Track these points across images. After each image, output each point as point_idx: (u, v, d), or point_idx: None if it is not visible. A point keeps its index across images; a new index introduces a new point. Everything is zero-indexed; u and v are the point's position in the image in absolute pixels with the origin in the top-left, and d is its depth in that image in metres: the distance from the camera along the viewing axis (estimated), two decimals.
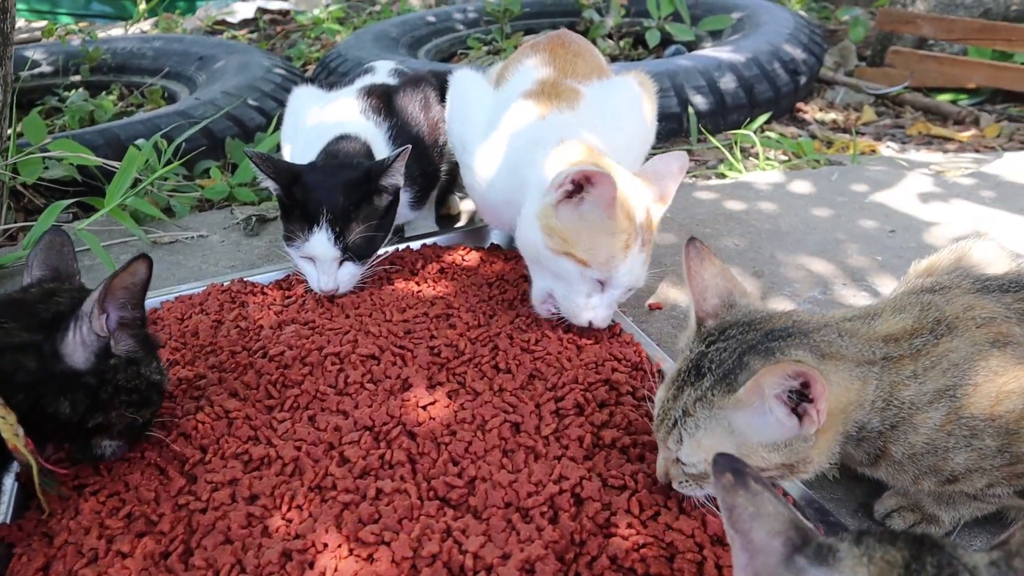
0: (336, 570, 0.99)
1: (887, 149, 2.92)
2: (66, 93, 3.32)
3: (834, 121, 3.23)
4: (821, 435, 0.96)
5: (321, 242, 1.55)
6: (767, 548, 0.68)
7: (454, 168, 2.08)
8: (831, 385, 0.94)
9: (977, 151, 2.87)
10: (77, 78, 3.43)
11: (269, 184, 1.58)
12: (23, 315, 1.07)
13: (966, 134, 3.04)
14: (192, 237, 2.09)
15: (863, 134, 3.08)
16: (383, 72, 1.97)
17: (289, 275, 1.74)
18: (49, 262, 1.20)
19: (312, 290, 1.64)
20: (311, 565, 1.00)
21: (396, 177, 1.58)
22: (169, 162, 2.26)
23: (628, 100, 1.74)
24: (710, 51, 3.13)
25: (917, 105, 3.32)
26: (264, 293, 1.67)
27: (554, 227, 1.40)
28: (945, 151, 2.88)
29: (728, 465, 0.72)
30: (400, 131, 1.80)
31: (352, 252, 1.58)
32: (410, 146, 1.57)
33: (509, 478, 1.12)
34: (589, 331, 1.50)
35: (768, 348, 0.99)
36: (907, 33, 3.37)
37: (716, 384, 0.98)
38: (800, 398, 0.92)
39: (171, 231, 2.12)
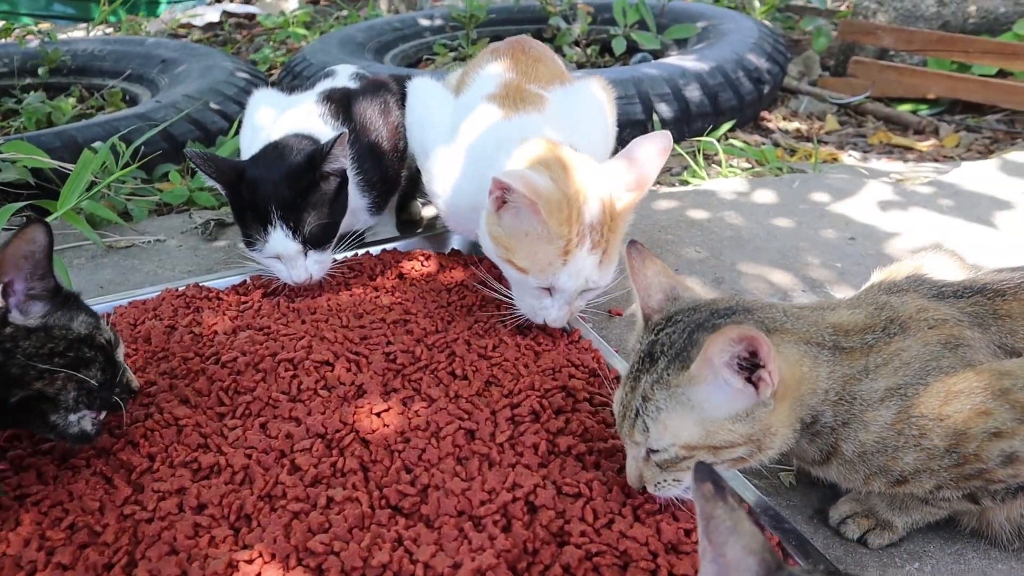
0: None
1: (849, 158, 2.94)
2: (23, 95, 3.26)
3: (797, 130, 3.26)
4: (780, 402, 0.97)
5: (279, 240, 1.53)
6: (741, 564, 0.67)
7: (415, 174, 2.06)
8: (780, 355, 0.96)
9: (936, 160, 2.90)
10: (35, 80, 3.37)
11: (213, 184, 1.56)
12: None
13: (926, 144, 3.08)
14: (149, 242, 2.05)
15: (826, 143, 3.11)
16: (344, 76, 1.96)
17: (246, 280, 1.71)
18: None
19: (270, 295, 1.62)
20: None
21: (339, 161, 1.57)
22: (127, 165, 2.22)
23: (591, 104, 1.75)
24: (675, 59, 3.14)
25: (879, 115, 3.35)
26: (220, 299, 1.64)
27: (496, 235, 1.41)
28: (906, 160, 2.91)
29: (708, 475, 0.72)
30: (359, 136, 1.78)
31: (311, 243, 1.57)
32: (346, 131, 1.56)
33: (462, 486, 1.10)
34: (547, 336, 1.49)
35: (715, 324, 1.00)
36: (868, 44, 3.42)
37: (670, 364, 1.00)
38: (751, 366, 0.93)
39: (128, 235, 2.09)
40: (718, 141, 2.72)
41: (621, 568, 1.01)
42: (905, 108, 3.37)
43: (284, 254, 1.56)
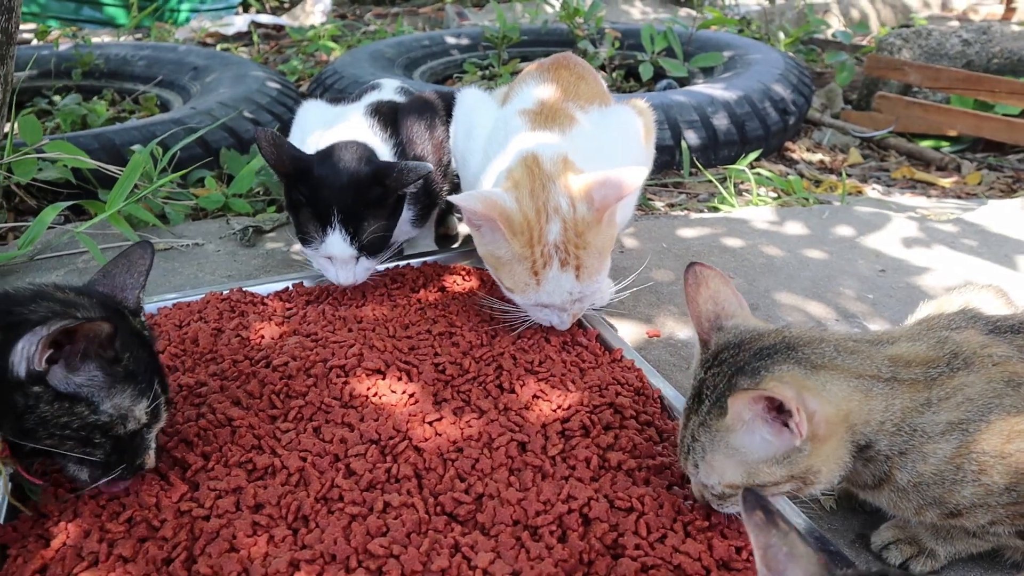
0: None
1: (872, 191, 2.98)
2: (56, 97, 3.30)
3: (821, 161, 3.30)
4: (821, 444, 0.98)
5: (336, 243, 1.57)
6: None
7: (454, 189, 2.09)
8: (825, 393, 0.97)
9: (959, 197, 2.93)
10: (68, 82, 3.40)
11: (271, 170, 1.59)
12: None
13: (948, 180, 3.11)
14: (187, 245, 2.07)
15: (849, 175, 3.14)
16: (389, 89, 1.99)
17: (289, 287, 1.73)
18: (114, 269, 1.20)
19: (314, 302, 1.64)
20: (320, 575, 1.00)
21: (408, 187, 1.61)
22: (165, 171, 2.25)
23: (624, 128, 1.76)
24: (703, 87, 3.19)
25: (901, 150, 3.39)
26: (264, 304, 1.66)
27: (484, 254, 1.48)
28: (929, 196, 2.95)
29: (757, 502, 0.74)
30: (406, 148, 1.81)
31: (366, 250, 1.60)
32: (431, 166, 1.59)
33: (517, 496, 1.12)
34: (591, 354, 1.51)
35: (755, 368, 1.02)
36: (894, 79, 3.46)
37: (712, 408, 1.02)
38: (785, 412, 0.94)
39: (166, 238, 2.11)
40: (731, 176, 2.75)
41: None
42: (927, 144, 3.41)
43: (338, 257, 1.59)
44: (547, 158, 1.47)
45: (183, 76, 3.37)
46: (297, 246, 2.09)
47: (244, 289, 1.70)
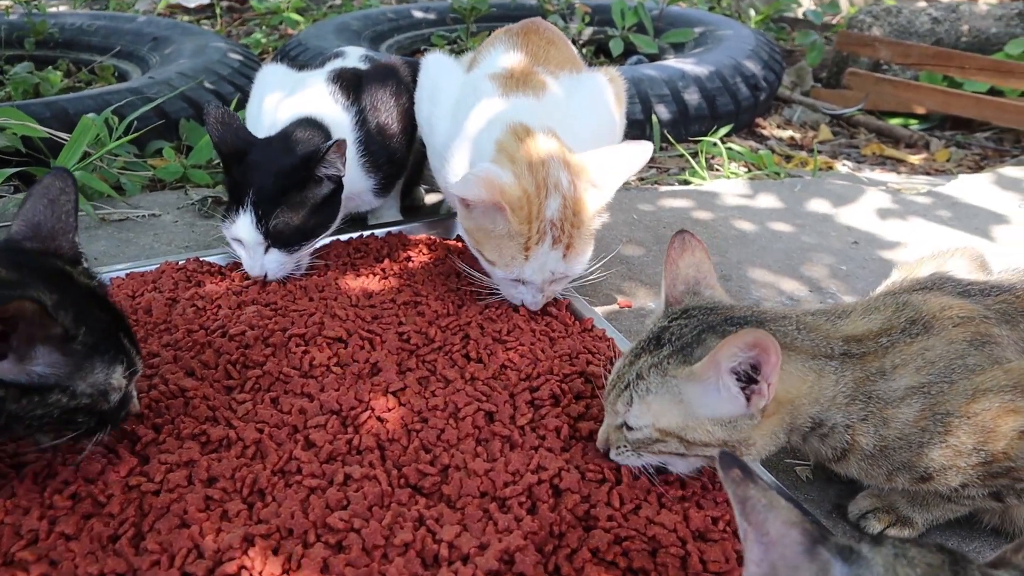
0: (303, 557, 0.93)
1: (843, 167, 2.96)
2: (7, 66, 3.17)
3: (791, 138, 3.27)
4: (766, 418, 0.98)
5: (244, 224, 1.49)
6: (785, 538, 0.67)
7: (420, 159, 2.03)
8: (782, 373, 0.96)
9: (928, 174, 2.92)
10: (20, 52, 3.28)
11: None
12: None
13: (918, 157, 3.10)
14: (143, 216, 1.99)
15: (820, 152, 3.12)
16: (354, 57, 1.92)
17: None
18: (34, 215, 1.05)
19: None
20: (275, 551, 0.94)
21: (334, 167, 1.52)
22: (121, 137, 2.16)
23: (597, 95, 1.72)
24: (674, 62, 3.14)
25: (871, 127, 3.38)
26: (222, 274, 1.59)
27: (468, 228, 1.44)
28: (899, 172, 2.93)
29: (733, 461, 0.71)
30: (367, 117, 1.74)
31: (273, 240, 1.51)
32: (344, 140, 1.50)
33: (485, 467, 1.07)
34: (561, 324, 1.47)
35: (725, 331, 1.00)
36: (865, 56, 3.44)
37: (673, 354, 1.01)
38: (749, 380, 0.94)
39: (121, 208, 2.03)
40: (711, 146, 2.72)
41: (650, 554, 0.98)
42: (895, 122, 3.40)
43: (245, 240, 1.51)
44: (538, 128, 1.43)
45: (142, 47, 3.26)
46: None
47: (201, 259, 1.63)
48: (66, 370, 0.95)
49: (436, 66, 1.72)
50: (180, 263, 1.61)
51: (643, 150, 1.44)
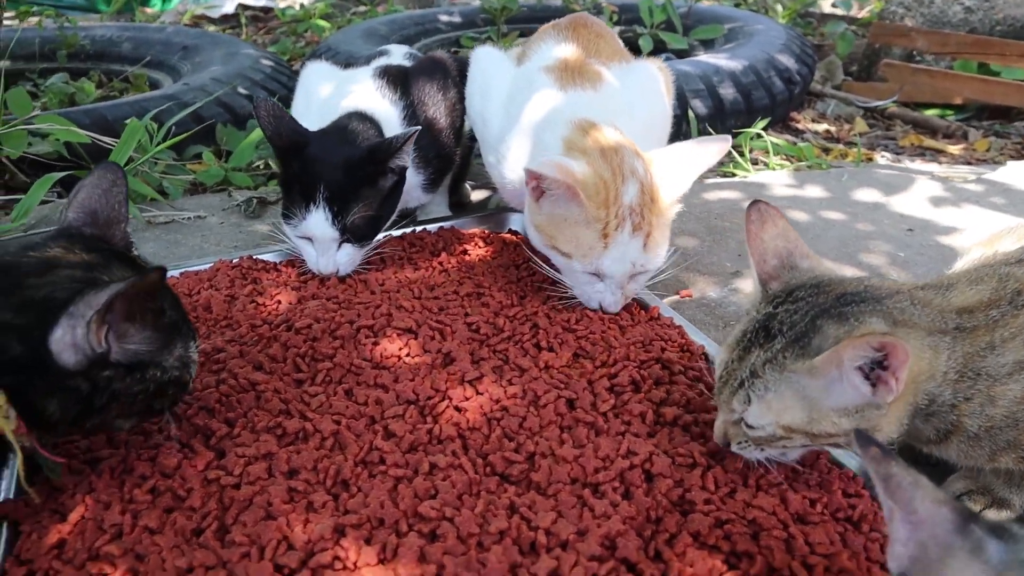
0: (397, 548, 0.90)
1: (881, 159, 2.92)
2: (40, 79, 3.18)
3: (827, 131, 3.24)
4: (894, 404, 0.92)
5: (318, 222, 1.46)
6: (935, 517, 0.64)
7: (467, 154, 2.01)
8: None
9: (970, 163, 2.88)
10: (53, 64, 3.28)
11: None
12: (10, 287, 0.89)
13: (957, 147, 3.06)
14: (189, 218, 1.98)
15: (855, 143, 3.08)
16: (398, 54, 1.91)
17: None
18: (89, 204, 1.04)
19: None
20: (368, 541, 0.91)
21: (403, 158, 1.50)
22: (161, 143, 2.15)
23: (650, 85, 1.70)
24: (708, 57, 3.12)
25: (906, 119, 3.34)
26: (277, 270, 1.57)
27: (539, 223, 1.39)
28: (939, 163, 2.89)
29: (871, 439, 0.69)
30: (416, 111, 1.72)
31: (351, 234, 1.48)
32: (420, 128, 1.49)
33: (573, 453, 1.04)
34: (627, 313, 1.43)
35: (841, 313, 0.94)
36: (901, 46, 3.40)
37: (788, 347, 0.94)
38: (875, 365, 0.88)
39: (166, 211, 2.01)
40: (754, 138, 2.68)
41: (752, 537, 0.95)
42: (931, 113, 3.36)
43: (318, 237, 1.48)
44: (601, 122, 1.41)
45: (172, 56, 3.26)
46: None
47: (254, 257, 1.61)
48: (157, 345, 0.95)
49: (487, 59, 1.70)
50: (234, 261, 1.59)
51: (721, 145, 1.40)
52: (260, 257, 1.62)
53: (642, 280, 1.42)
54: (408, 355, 1.25)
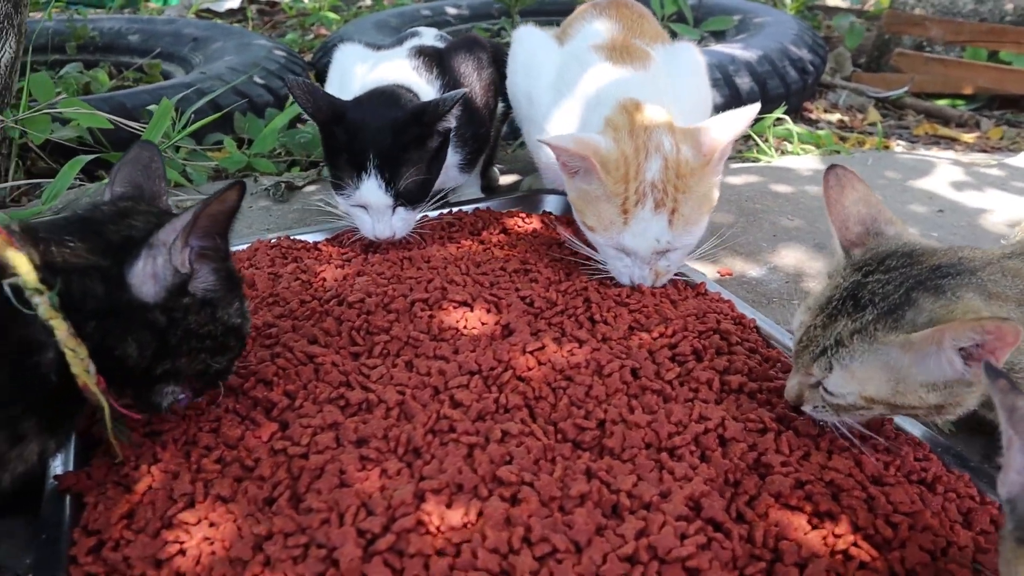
0: (481, 513, 0.88)
1: (897, 147, 2.93)
2: (49, 71, 3.14)
3: (840, 121, 3.24)
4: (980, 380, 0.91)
5: (372, 189, 1.45)
6: None
7: (497, 137, 2.01)
8: None
9: (985, 151, 2.89)
10: (63, 56, 3.25)
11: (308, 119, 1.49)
12: (90, 234, 0.91)
13: (971, 136, 3.07)
14: None
15: (871, 133, 3.09)
16: (429, 36, 1.89)
17: (340, 233, 1.63)
18: (133, 178, 1.05)
19: (370, 247, 1.54)
20: (449, 506, 0.90)
21: (450, 120, 1.50)
22: (182, 130, 2.13)
23: (694, 66, 1.71)
24: (723, 47, 3.12)
25: (918, 108, 3.35)
26: (318, 249, 1.56)
27: (572, 199, 1.41)
28: (955, 151, 2.90)
29: (999, 372, 0.69)
30: (453, 90, 1.71)
31: (404, 198, 1.49)
32: (468, 89, 1.49)
33: (646, 419, 1.03)
34: (675, 288, 1.43)
35: (937, 286, 0.93)
36: (914, 35, 3.41)
37: (880, 318, 0.93)
38: (976, 345, 0.86)
39: (193, 196, 2.00)
40: (769, 127, 2.69)
41: (832, 498, 0.94)
42: (942, 103, 3.37)
43: (373, 205, 1.48)
44: (647, 101, 1.40)
45: (182, 48, 3.24)
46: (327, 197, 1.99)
47: (292, 237, 1.60)
48: (224, 288, 0.97)
49: (531, 39, 1.70)
50: (272, 240, 1.58)
51: (750, 110, 1.40)
52: (297, 237, 1.60)
53: (675, 258, 1.40)
54: (466, 327, 1.23)
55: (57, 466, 1.03)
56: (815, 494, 0.93)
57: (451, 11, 3.89)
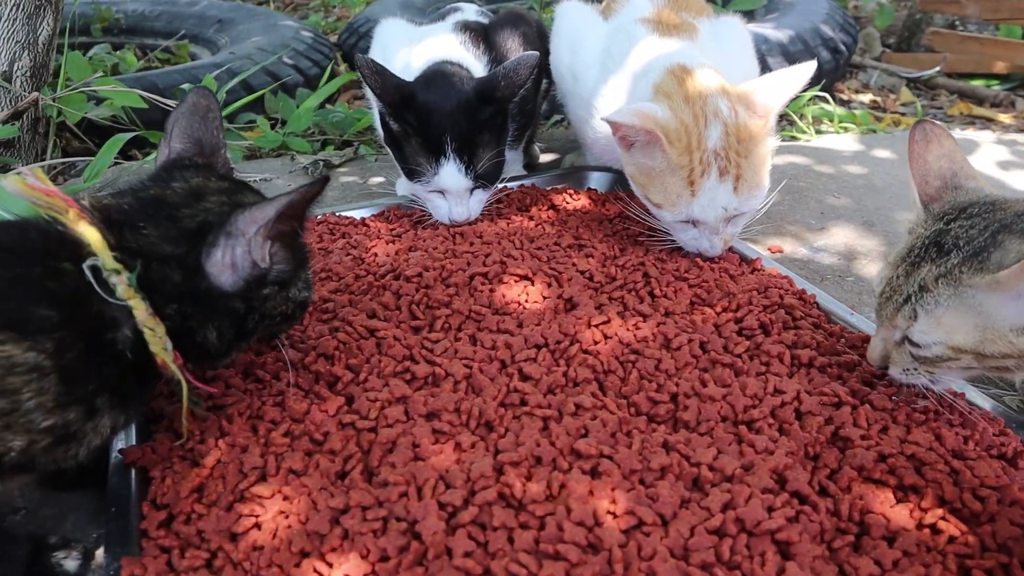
0: (563, 486, 0.87)
1: None
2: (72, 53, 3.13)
3: (873, 101, 3.20)
4: None
5: (451, 174, 1.43)
6: None
7: (538, 114, 1.98)
8: None
9: (1022, 131, 2.85)
10: (88, 39, 3.24)
11: (372, 103, 1.46)
12: (164, 220, 0.88)
13: (1007, 115, 3.03)
14: (256, 180, 1.94)
15: (903, 114, 3.05)
16: (471, 11, 1.87)
17: (385, 210, 1.61)
18: (192, 131, 1.00)
19: (418, 223, 1.52)
20: (529, 478, 0.88)
21: (522, 85, 1.46)
22: (224, 109, 2.11)
23: (742, 38, 1.68)
24: (754, 27, 3.08)
25: (951, 88, 3.30)
26: (366, 225, 1.54)
27: (632, 173, 1.38)
28: (992, 131, 2.86)
29: None
30: (499, 65, 1.68)
31: (483, 179, 1.47)
32: (537, 53, 1.45)
33: (720, 392, 1.02)
34: (732, 264, 1.40)
35: None
36: (950, 14, 3.37)
37: (965, 262, 0.92)
38: None
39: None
40: (803, 106, 2.66)
41: (915, 471, 0.92)
42: (976, 83, 3.32)
43: (453, 190, 1.45)
44: (697, 68, 1.37)
45: (207, 29, 3.22)
46: (376, 179, 1.98)
47: (338, 213, 1.58)
48: (292, 265, 0.94)
49: (576, 13, 1.67)
50: (319, 216, 1.56)
51: (805, 69, 1.36)
52: (343, 214, 1.59)
53: (741, 222, 1.38)
54: (527, 301, 1.22)
55: (118, 440, 1.02)
56: (898, 467, 0.92)
57: None
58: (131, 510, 0.92)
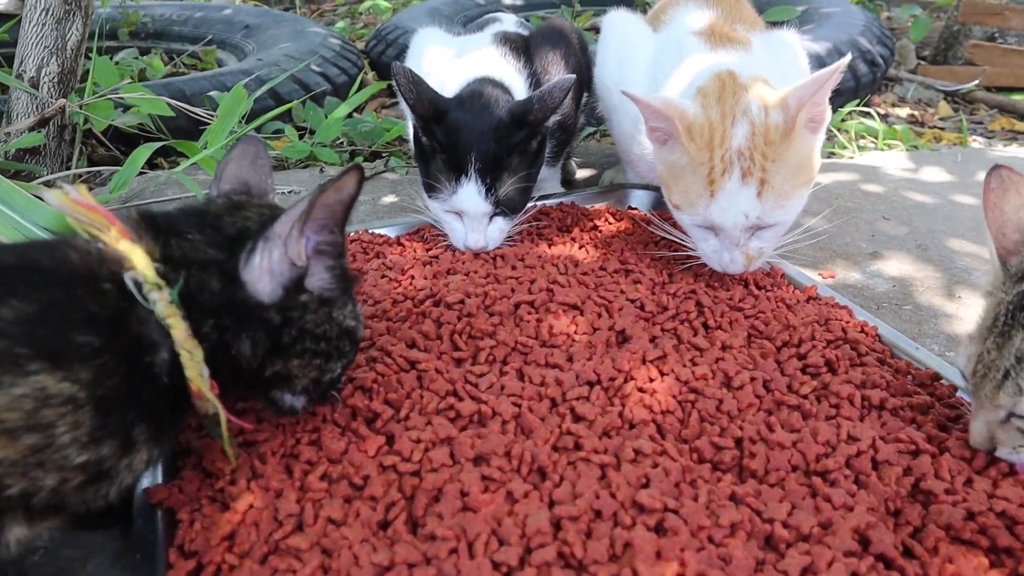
0: (628, 545, 0.80)
1: (974, 143, 2.80)
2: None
3: (910, 115, 3.12)
4: None
5: (470, 196, 1.36)
6: None
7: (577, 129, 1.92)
8: None
9: None
10: (115, 43, 3.20)
11: (407, 114, 1.40)
12: (206, 227, 0.85)
13: None
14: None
15: (942, 128, 2.97)
16: (510, 22, 1.81)
17: (420, 228, 1.55)
18: (240, 174, 0.98)
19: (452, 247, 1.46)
20: (589, 535, 0.82)
21: (557, 113, 1.40)
22: (252, 118, 2.07)
23: (794, 52, 1.62)
24: None
25: (991, 103, 3.22)
26: (401, 244, 1.48)
27: (661, 173, 1.32)
28: None
29: None
30: (540, 79, 1.62)
31: (504, 206, 1.39)
32: (574, 76, 1.39)
33: (790, 438, 0.94)
34: (787, 291, 1.33)
35: None
36: (992, 25, 3.28)
37: None
38: None
39: None
40: (842, 121, 2.58)
41: (1008, 531, 0.84)
42: (1017, 98, 3.24)
43: (470, 212, 1.38)
44: (743, 74, 1.30)
45: (234, 35, 3.18)
46: (388, 199, 1.92)
47: (372, 231, 1.52)
48: (339, 285, 0.90)
49: (624, 25, 1.61)
50: (352, 234, 1.50)
51: (835, 66, 1.28)
52: (376, 231, 1.53)
53: (768, 237, 1.28)
54: (577, 332, 1.15)
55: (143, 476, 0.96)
56: (989, 527, 0.84)
57: (505, 0, 3.80)
58: (159, 557, 0.86)
